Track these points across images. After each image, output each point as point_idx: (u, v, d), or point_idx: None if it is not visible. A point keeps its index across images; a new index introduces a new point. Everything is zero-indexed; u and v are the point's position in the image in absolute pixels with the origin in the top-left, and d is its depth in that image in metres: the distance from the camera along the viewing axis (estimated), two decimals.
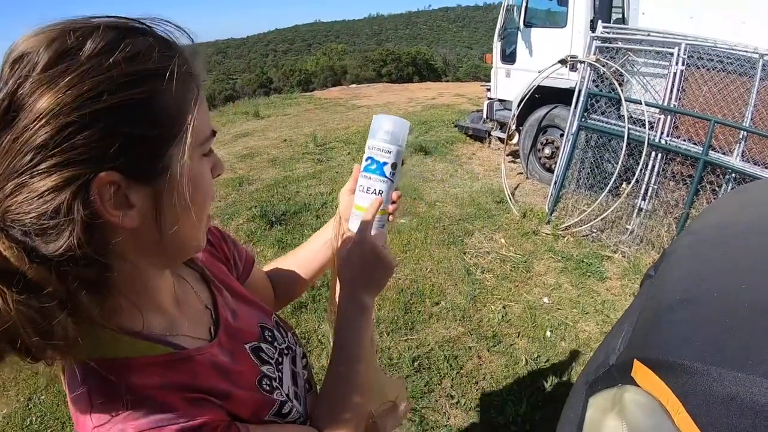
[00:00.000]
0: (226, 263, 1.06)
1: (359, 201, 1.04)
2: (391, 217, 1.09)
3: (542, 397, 3.29)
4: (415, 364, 3.55)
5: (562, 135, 6.55)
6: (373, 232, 1.00)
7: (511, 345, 3.80)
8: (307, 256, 1.25)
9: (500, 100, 8.36)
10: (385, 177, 1.02)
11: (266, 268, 1.29)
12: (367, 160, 1.03)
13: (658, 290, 1.79)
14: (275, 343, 0.97)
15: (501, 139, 8.63)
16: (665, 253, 2.30)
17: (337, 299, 1.04)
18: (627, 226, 5.45)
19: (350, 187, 1.11)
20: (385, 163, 1.01)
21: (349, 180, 1.12)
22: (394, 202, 1.08)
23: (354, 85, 25.40)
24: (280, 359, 0.96)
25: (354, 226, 1.03)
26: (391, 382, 1.40)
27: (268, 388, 0.86)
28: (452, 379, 3.42)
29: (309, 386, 1.06)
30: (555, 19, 7.19)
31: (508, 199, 6.38)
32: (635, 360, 1.39)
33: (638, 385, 1.37)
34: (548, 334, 3.94)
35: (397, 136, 1.02)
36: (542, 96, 6.95)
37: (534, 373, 3.52)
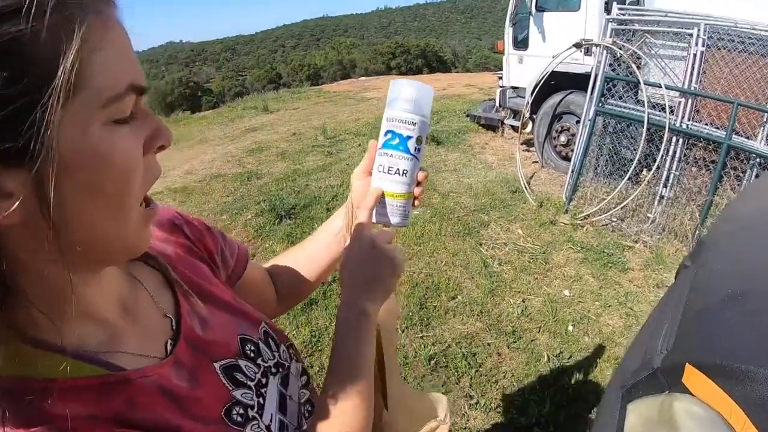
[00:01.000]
0: (210, 261, 0.88)
1: (379, 183, 0.89)
2: (416, 202, 0.93)
3: (566, 396, 3.12)
4: (432, 362, 3.38)
5: (577, 122, 6.39)
6: (394, 221, 0.87)
7: (532, 341, 3.63)
8: (315, 250, 1.08)
9: (513, 88, 8.18)
10: (410, 154, 0.87)
11: (268, 264, 1.12)
12: (386, 134, 0.88)
13: (702, 284, 1.62)
14: (259, 360, 0.80)
15: (514, 128, 8.45)
16: (702, 241, 2.11)
17: None
18: (648, 215, 5.26)
19: (365, 167, 0.95)
20: (408, 137, 0.86)
21: (364, 159, 0.96)
22: (419, 184, 0.92)
23: (363, 78, 25.29)
24: (263, 380, 0.79)
25: (376, 219, 0.90)
26: (425, 399, 1.26)
27: (240, 419, 0.68)
28: (471, 378, 3.25)
29: (309, 411, 0.89)
30: (568, 2, 6.96)
31: (524, 189, 6.19)
32: (687, 364, 1.22)
33: (692, 394, 1.20)
34: (570, 328, 3.77)
35: (421, 104, 0.87)
36: (556, 82, 6.74)
37: (557, 370, 3.35)
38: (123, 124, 0.51)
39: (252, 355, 0.79)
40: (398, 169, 0.87)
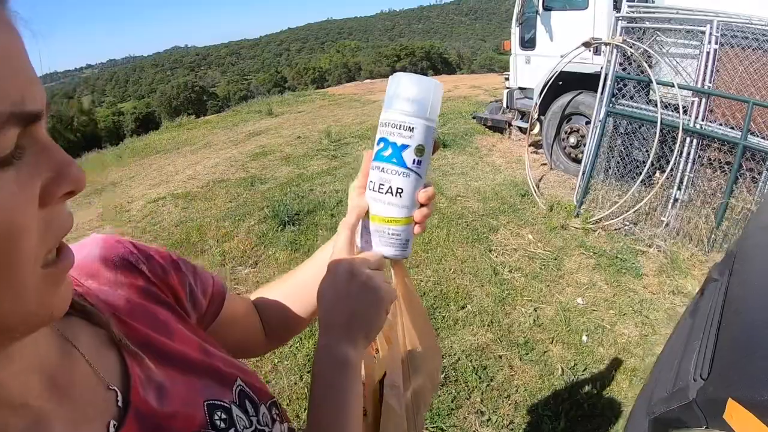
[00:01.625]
0: (175, 304, 0.72)
1: (371, 204, 0.75)
2: (417, 229, 0.78)
3: (582, 411, 2.98)
4: (441, 376, 3.24)
5: (587, 123, 6.27)
6: (387, 252, 0.74)
7: (545, 352, 3.48)
8: (304, 283, 0.93)
9: (520, 89, 8.03)
10: (405, 167, 0.72)
11: (255, 294, 0.98)
12: (379, 143, 0.73)
13: (737, 301, 1.48)
14: (233, 430, 0.65)
15: (521, 130, 8.32)
16: (732, 253, 1.97)
17: None
18: (662, 218, 5.11)
19: (361, 183, 0.80)
20: (404, 147, 0.71)
21: (359, 173, 0.81)
22: (423, 205, 0.76)
23: (368, 80, 25.16)
24: None
25: (363, 246, 0.76)
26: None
27: None
28: (482, 393, 3.11)
29: None
30: (576, 1, 6.81)
31: (533, 192, 6.04)
32: (730, 399, 1.09)
33: None
34: (584, 339, 3.62)
35: (424, 104, 0.71)
36: (564, 83, 6.60)
37: (571, 384, 3.21)
38: (3, 167, 0.37)
39: (223, 425, 0.63)
40: (390, 187, 0.72)
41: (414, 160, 0.72)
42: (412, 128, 0.71)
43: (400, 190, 0.72)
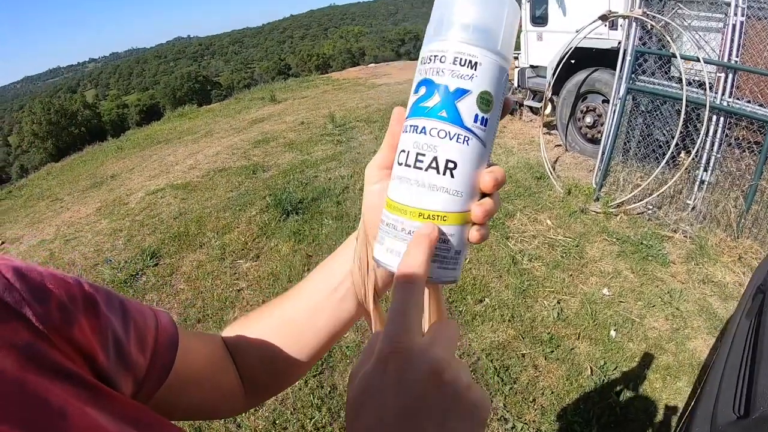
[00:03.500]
0: (83, 374, 0.41)
1: (397, 192, 0.46)
2: (474, 235, 0.47)
3: (614, 416, 2.74)
4: None
5: (604, 101, 6.01)
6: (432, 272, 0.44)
7: (572, 350, 3.20)
8: (297, 321, 0.64)
9: (532, 67, 7.70)
10: (462, 126, 0.43)
11: (229, 331, 0.68)
12: (418, 88, 0.45)
13: None
14: None
15: (533, 110, 8.02)
16: None
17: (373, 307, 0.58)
18: (687, 202, 4.80)
19: (384, 157, 0.53)
20: (461, 93, 0.43)
21: (383, 144, 0.53)
22: (486, 195, 0.47)
23: (373, 65, 24.80)
24: None
25: (385, 258, 0.46)
26: None
27: None
28: (505, 397, 2.83)
29: None
30: None
31: (550, 175, 5.73)
32: None
33: None
34: (612, 334, 3.35)
35: (494, 30, 0.43)
36: (578, 59, 6.27)
37: (601, 385, 2.95)
38: None
39: None
40: (436, 159, 0.43)
41: (476, 117, 0.43)
42: (476, 63, 0.43)
43: (451, 165, 0.43)
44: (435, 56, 0.44)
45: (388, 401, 0.38)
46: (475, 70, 0.43)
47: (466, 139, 0.43)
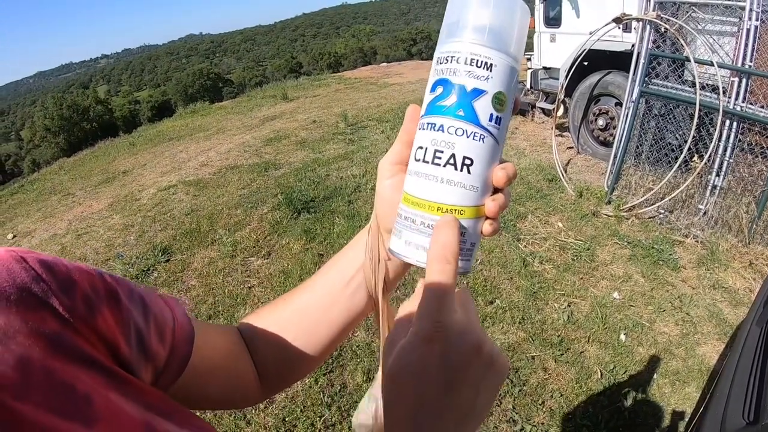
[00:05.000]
0: (106, 362, 0.43)
1: (415, 187, 0.48)
2: (488, 228, 0.49)
3: (623, 420, 2.74)
4: None
5: (617, 104, 5.99)
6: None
7: (581, 353, 3.20)
8: (311, 313, 0.66)
9: (545, 69, 7.68)
10: (478, 124, 0.45)
11: (246, 321, 0.70)
12: (434, 87, 0.47)
13: None
14: None
15: (545, 111, 8.00)
16: None
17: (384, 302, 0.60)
18: (699, 206, 4.78)
19: (398, 153, 0.55)
20: (477, 93, 0.45)
21: (397, 140, 0.55)
22: (497, 191, 0.49)
23: (385, 64, 24.78)
24: None
25: (403, 250, 0.48)
26: None
27: None
28: (514, 399, 2.84)
29: None
30: None
31: (561, 177, 5.72)
32: None
33: None
34: (622, 337, 3.35)
35: (507, 32, 0.46)
36: (591, 62, 6.24)
37: (611, 388, 2.95)
38: None
39: None
40: (453, 155, 0.45)
41: (491, 116, 0.45)
42: (491, 65, 0.45)
43: (468, 161, 0.45)
44: (451, 57, 0.46)
45: (431, 378, 0.42)
46: (491, 71, 0.45)
47: (482, 137, 0.45)
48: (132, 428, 0.41)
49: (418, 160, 0.47)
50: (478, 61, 0.44)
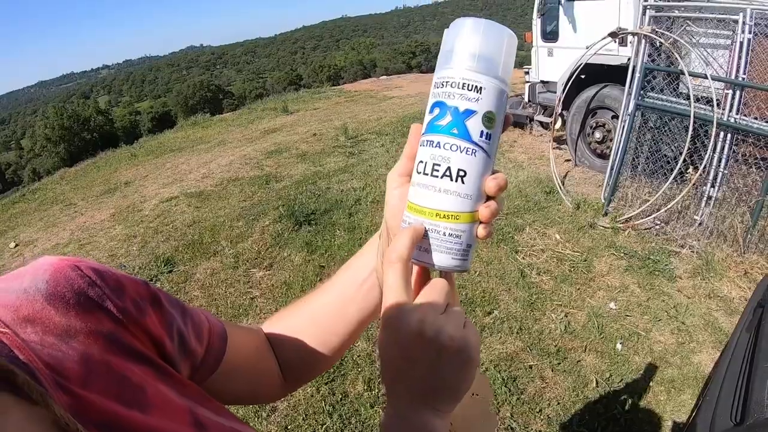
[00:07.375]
0: (154, 357, 0.51)
1: (418, 193, 0.55)
2: (482, 231, 0.55)
3: (619, 427, 2.79)
4: None
5: (613, 117, 6.06)
6: (441, 262, 0.54)
7: (578, 362, 3.26)
8: (328, 314, 0.73)
9: (542, 82, 7.77)
10: (470, 141, 0.52)
11: (269, 325, 0.77)
12: (432, 109, 0.54)
13: None
14: None
15: (543, 125, 8.08)
16: None
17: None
18: (695, 217, 4.84)
19: (403, 166, 0.60)
20: (469, 113, 0.52)
21: (402, 156, 0.60)
22: (490, 198, 0.55)
23: (384, 77, 24.93)
24: None
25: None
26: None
27: None
28: (512, 407, 2.90)
29: None
30: None
31: (559, 189, 5.80)
32: None
33: None
34: (618, 347, 3.40)
35: (495, 58, 0.53)
36: (588, 75, 6.35)
37: (607, 396, 3.00)
38: None
39: None
40: (449, 168, 0.52)
41: (482, 133, 0.52)
42: (480, 88, 0.52)
43: (462, 173, 0.52)
44: (446, 81, 0.53)
45: (388, 354, 0.53)
46: (480, 93, 0.52)
47: (474, 151, 0.52)
48: (180, 415, 0.48)
49: (419, 173, 0.54)
50: (469, 84, 0.51)
